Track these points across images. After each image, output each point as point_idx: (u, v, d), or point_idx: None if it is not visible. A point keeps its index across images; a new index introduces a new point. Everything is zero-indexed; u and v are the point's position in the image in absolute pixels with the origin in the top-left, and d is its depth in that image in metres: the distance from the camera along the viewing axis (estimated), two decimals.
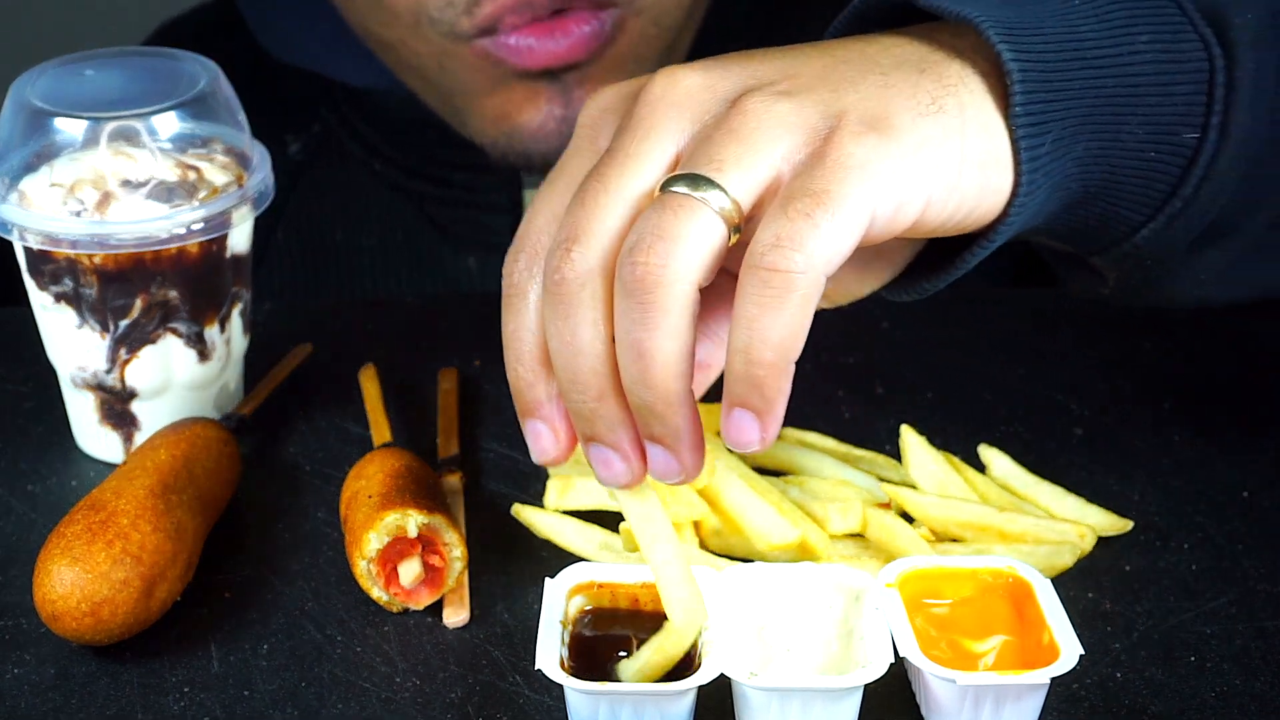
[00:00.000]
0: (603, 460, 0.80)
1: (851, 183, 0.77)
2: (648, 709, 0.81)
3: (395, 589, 0.90)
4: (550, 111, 1.18)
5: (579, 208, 0.78)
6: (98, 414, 1.03)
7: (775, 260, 0.75)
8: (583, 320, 0.78)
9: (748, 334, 0.76)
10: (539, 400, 0.81)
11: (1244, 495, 0.99)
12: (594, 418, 0.79)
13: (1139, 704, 0.85)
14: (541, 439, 0.82)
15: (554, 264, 0.78)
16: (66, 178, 0.98)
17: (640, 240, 0.76)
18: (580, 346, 0.78)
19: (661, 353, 0.76)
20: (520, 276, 0.81)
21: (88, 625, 0.86)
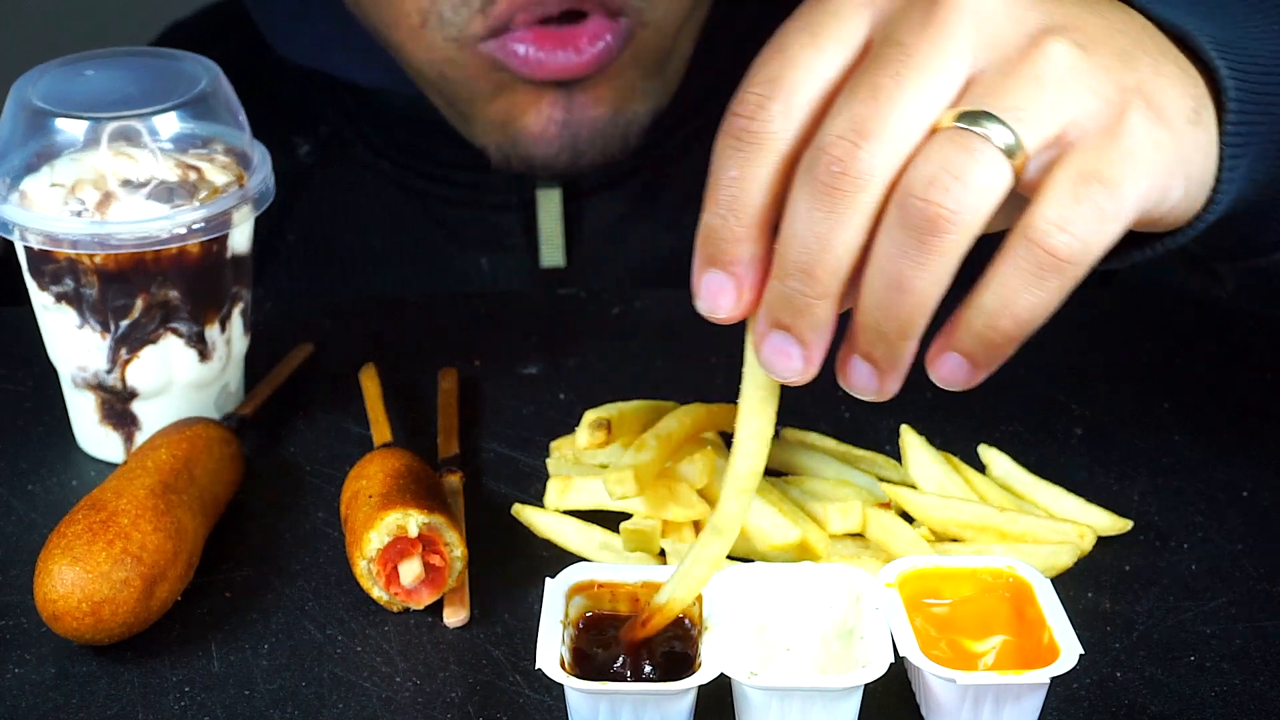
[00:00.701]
0: (783, 351, 0.78)
1: (1139, 176, 0.75)
2: (648, 708, 0.81)
3: (396, 588, 0.90)
4: (552, 116, 1.18)
5: (873, 102, 0.74)
6: (98, 414, 1.03)
7: (1057, 245, 0.74)
8: (847, 222, 0.74)
9: (1001, 301, 0.75)
10: (738, 257, 0.77)
11: (1244, 495, 0.99)
12: (804, 312, 0.76)
13: (1138, 704, 0.85)
14: (723, 294, 0.78)
15: (838, 154, 0.74)
16: (67, 178, 0.98)
17: (936, 178, 0.74)
18: (831, 244, 0.75)
19: (921, 292, 0.75)
20: (771, 124, 0.75)
21: (88, 625, 0.86)
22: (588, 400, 1.05)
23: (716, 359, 1.12)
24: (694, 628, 0.85)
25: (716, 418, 0.98)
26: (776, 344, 0.78)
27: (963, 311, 0.77)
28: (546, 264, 1.29)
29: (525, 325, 1.16)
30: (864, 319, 0.77)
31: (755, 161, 0.76)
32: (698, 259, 0.78)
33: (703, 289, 0.79)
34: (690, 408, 0.96)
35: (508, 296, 1.22)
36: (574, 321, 1.16)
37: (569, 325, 1.16)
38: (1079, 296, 1.02)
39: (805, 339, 0.78)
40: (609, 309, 1.17)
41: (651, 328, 1.15)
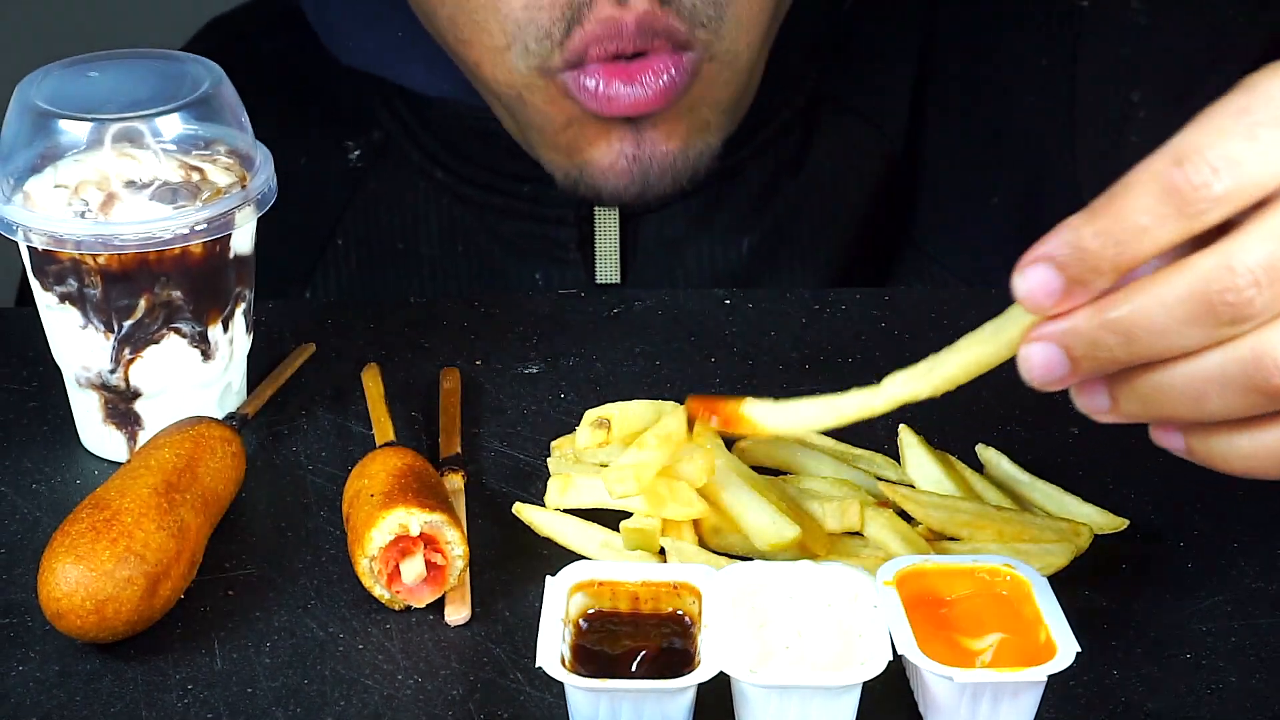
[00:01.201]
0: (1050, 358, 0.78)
1: None
2: (648, 706, 0.81)
3: (397, 587, 0.90)
4: (622, 150, 1.18)
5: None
6: (102, 413, 1.03)
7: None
8: (1204, 341, 0.74)
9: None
10: (1089, 284, 0.75)
11: (1239, 494, 0.99)
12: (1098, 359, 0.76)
13: (1135, 701, 0.86)
14: (1050, 298, 0.76)
15: (1240, 292, 0.72)
16: (71, 179, 0.99)
17: None
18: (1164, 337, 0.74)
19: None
20: (1206, 208, 0.72)
21: (91, 623, 0.87)
22: (588, 400, 1.05)
23: (716, 359, 1.13)
24: (693, 625, 0.86)
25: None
26: (1050, 353, 0.78)
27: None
28: (602, 279, 1.29)
29: (525, 325, 1.16)
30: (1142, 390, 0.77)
31: (1170, 228, 0.73)
32: (1057, 256, 0.75)
33: (1038, 282, 0.76)
34: None
35: (508, 296, 1.22)
36: (574, 321, 1.16)
37: (569, 325, 1.16)
38: None
39: (1076, 369, 0.78)
40: (609, 309, 1.18)
41: (651, 328, 1.16)
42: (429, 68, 1.28)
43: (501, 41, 1.14)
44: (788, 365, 1.11)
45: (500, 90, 1.18)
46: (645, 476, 0.91)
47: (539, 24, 1.12)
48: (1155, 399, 0.76)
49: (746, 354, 1.13)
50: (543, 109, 1.17)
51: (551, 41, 1.13)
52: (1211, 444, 0.77)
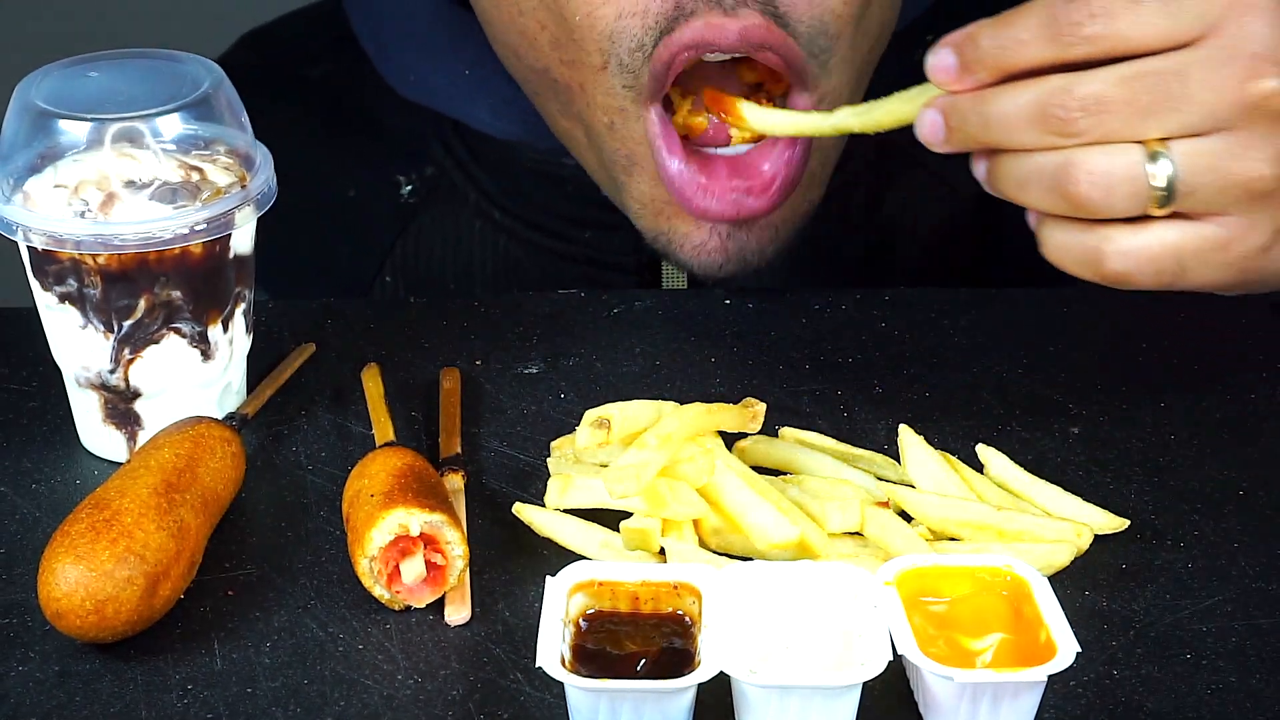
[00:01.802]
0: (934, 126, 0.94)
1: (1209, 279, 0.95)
2: (648, 705, 0.81)
3: (397, 587, 0.90)
4: (714, 229, 1.12)
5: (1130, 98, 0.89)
6: (101, 413, 1.03)
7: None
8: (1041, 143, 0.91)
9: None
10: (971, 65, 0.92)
11: (1239, 494, 0.99)
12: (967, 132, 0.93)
13: (1135, 701, 0.86)
14: (947, 63, 0.93)
15: (1073, 109, 0.89)
16: (70, 179, 0.99)
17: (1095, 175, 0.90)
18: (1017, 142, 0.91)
19: None
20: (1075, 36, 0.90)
21: (91, 623, 0.87)
22: (588, 400, 1.05)
23: (716, 359, 1.13)
24: (694, 625, 0.86)
25: (716, 418, 0.98)
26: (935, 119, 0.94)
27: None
28: None
29: (526, 325, 1.16)
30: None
31: (1040, 47, 0.90)
32: (958, 43, 0.92)
33: (941, 61, 0.93)
34: (690, 408, 0.97)
35: (508, 296, 1.22)
36: (574, 321, 1.16)
37: (569, 325, 1.16)
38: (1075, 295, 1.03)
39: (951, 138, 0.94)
40: (609, 309, 1.18)
41: (651, 328, 1.16)
42: (494, 107, 1.25)
43: (598, 61, 1.09)
44: (788, 365, 1.11)
45: (596, 118, 1.12)
46: (645, 476, 0.91)
47: (632, 34, 1.08)
48: (999, 175, 0.93)
49: (746, 354, 1.13)
50: (632, 147, 1.12)
51: (644, 52, 1.08)
52: (1039, 229, 0.94)
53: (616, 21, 1.08)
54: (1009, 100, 0.91)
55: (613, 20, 1.08)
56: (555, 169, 1.26)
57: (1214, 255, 0.92)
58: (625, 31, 1.08)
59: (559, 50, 1.11)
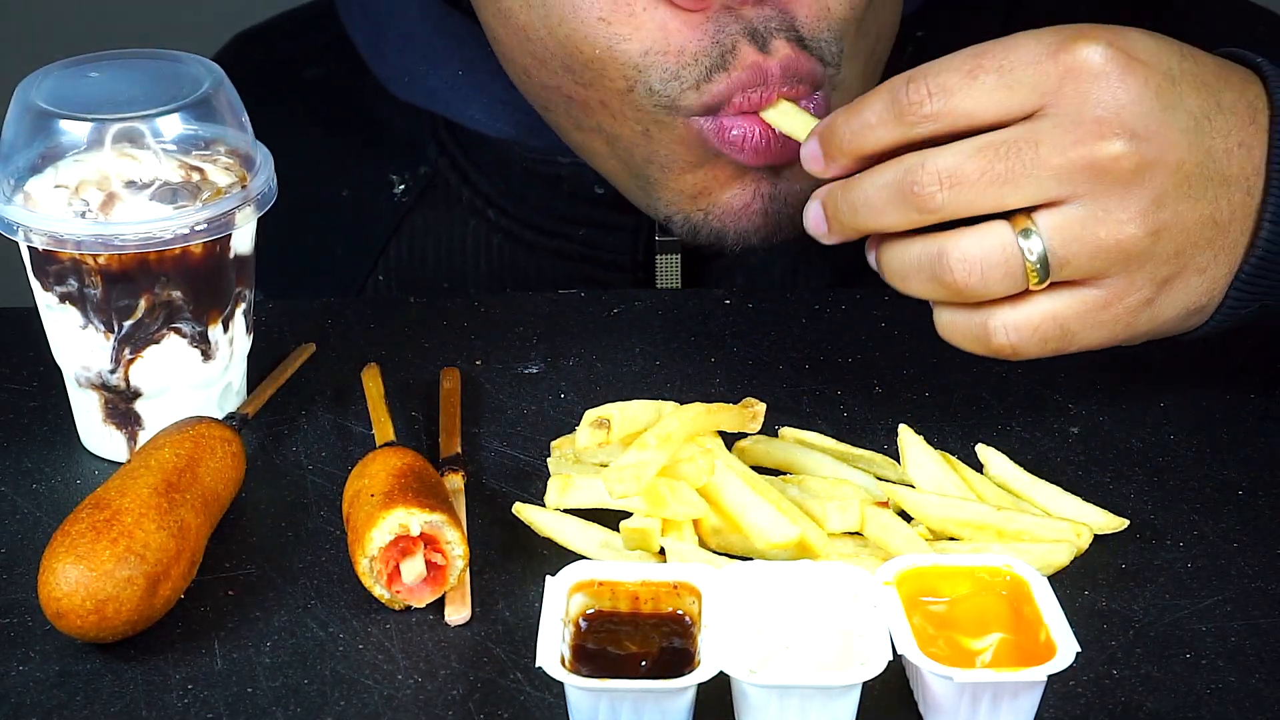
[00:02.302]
0: (816, 219, 0.98)
1: (1097, 339, 0.99)
2: (647, 705, 0.81)
3: (397, 587, 0.91)
4: (759, 191, 1.13)
5: (980, 173, 0.92)
6: (102, 413, 1.03)
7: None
8: (902, 222, 0.94)
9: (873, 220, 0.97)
10: (830, 147, 0.96)
11: (1239, 494, 1.00)
12: (841, 223, 0.97)
13: (1135, 701, 0.86)
14: (814, 154, 0.98)
15: (927, 183, 0.92)
16: (71, 179, 0.99)
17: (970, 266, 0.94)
18: (883, 224, 0.95)
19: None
20: (918, 116, 0.93)
21: (92, 623, 0.87)
22: (588, 400, 1.05)
23: (716, 359, 1.13)
24: (693, 625, 0.86)
25: (716, 418, 0.98)
26: (815, 211, 0.98)
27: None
28: None
29: (525, 325, 1.16)
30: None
31: (886, 130, 0.94)
32: (821, 133, 0.97)
33: (809, 151, 0.98)
34: (690, 408, 0.97)
35: (508, 296, 1.22)
36: (574, 321, 1.16)
37: (569, 325, 1.16)
38: None
39: (832, 230, 0.98)
40: (609, 309, 1.18)
41: (651, 328, 1.16)
42: (489, 106, 1.25)
43: (622, 85, 1.09)
44: (788, 365, 1.12)
45: (621, 130, 1.12)
46: (645, 476, 0.91)
47: (664, 67, 1.07)
48: (884, 267, 0.97)
49: (746, 354, 1.13)
50: (671, 149, 1.12)
51: (680, 84, 1.08)
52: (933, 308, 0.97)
53: (643, 58, 1.08)
54: (870, 183, 0.95)
55: (638, 56, 1.08)
56: (550, 168, 1.26)
57: (1098, 316, 0.95)
58: (655, 65, 1.08)
59: (571, 74, 1.11)
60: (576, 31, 1.08)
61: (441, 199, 1.30)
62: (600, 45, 1.08)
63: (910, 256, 0.95)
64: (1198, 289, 0.96)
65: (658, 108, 1.09)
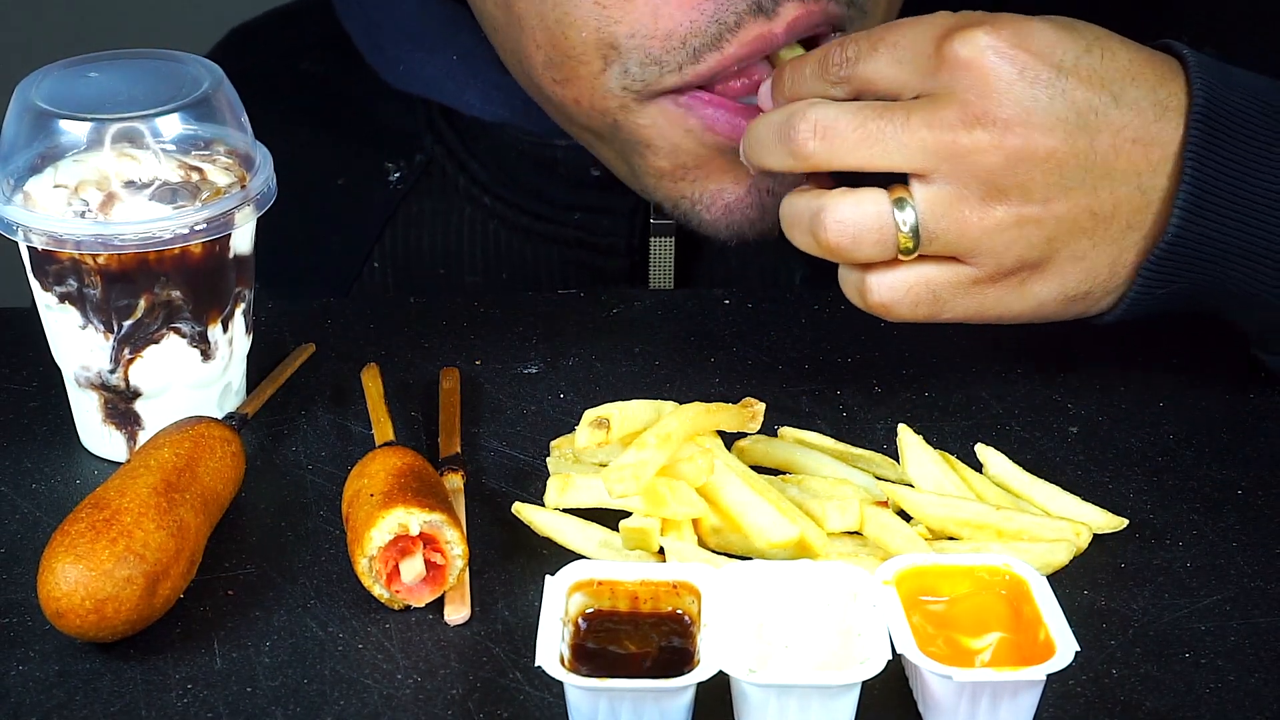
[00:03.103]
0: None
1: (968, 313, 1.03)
2: (647, 705, 0.81)
3: (397, 586, 0.91)
4: (755, 184, 1.12)
5: (855, 128, 0.97)
6: (101, 413, 1.03)
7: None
8: (777, 165, 1.00)
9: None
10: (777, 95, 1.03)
11: (1238, 493, 1.00)
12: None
13: (1134, 700, 0.86)
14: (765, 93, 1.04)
15: (803, 131, 0.97)
16: (70, 179, 0.99)
17: (844, 229, 0.98)
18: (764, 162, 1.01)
19: None
20: (830, 72, 0.99)
21: (91, 622, 0.87)
22: (588, 400, 1.05)
23: (716, 359, 1.13)
24: (693, 625, 0.86)
25: (716, 417, 0.98)
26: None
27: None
28: None
29: (525, 325, 1.16)
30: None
31: (813, 87, 1.00)
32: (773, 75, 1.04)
33: (763, 87, 1.04)
34: (690, 407, 0.97)
35: (508, 296, 1.22)
36: (574, 321, 1.16)
37: (569, 325, 1.16)
38: None
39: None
40: (609, 309, 1.18)
41: (651, 328, 1.16)
42: (484, 92, 1.25)
43: (598, 67, 1.09)
44: (788, 365, 1.12)
45: (597, 119, 1.12)
46: (645, 476, 0.92)
47: (646, 50, 1.07)
48: (780, 214, 1.02)
49: (746, 354, 1.13)
50: (638, 131, 1.11)
51: (661, 68, 1.07)
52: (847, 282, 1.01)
53: (627, 40, 1.07)
54: (764, 120, 1.01)
55: (623, 38, 1.07)
56: (547, 151, 1.26)
57: (967, 290, 0.99)
58: (637, 49, 1.07)
59: (551, 70, 1.11)
60: (568, 15, 1.08)
61: (437, 186, 1.30)
62: (589, 28, 1.08)
63: (795, 208, 1.00)
64: (1074, 277, 0.99)
65: (626, 91, 1.09)
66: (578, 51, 1.09)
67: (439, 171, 1.30)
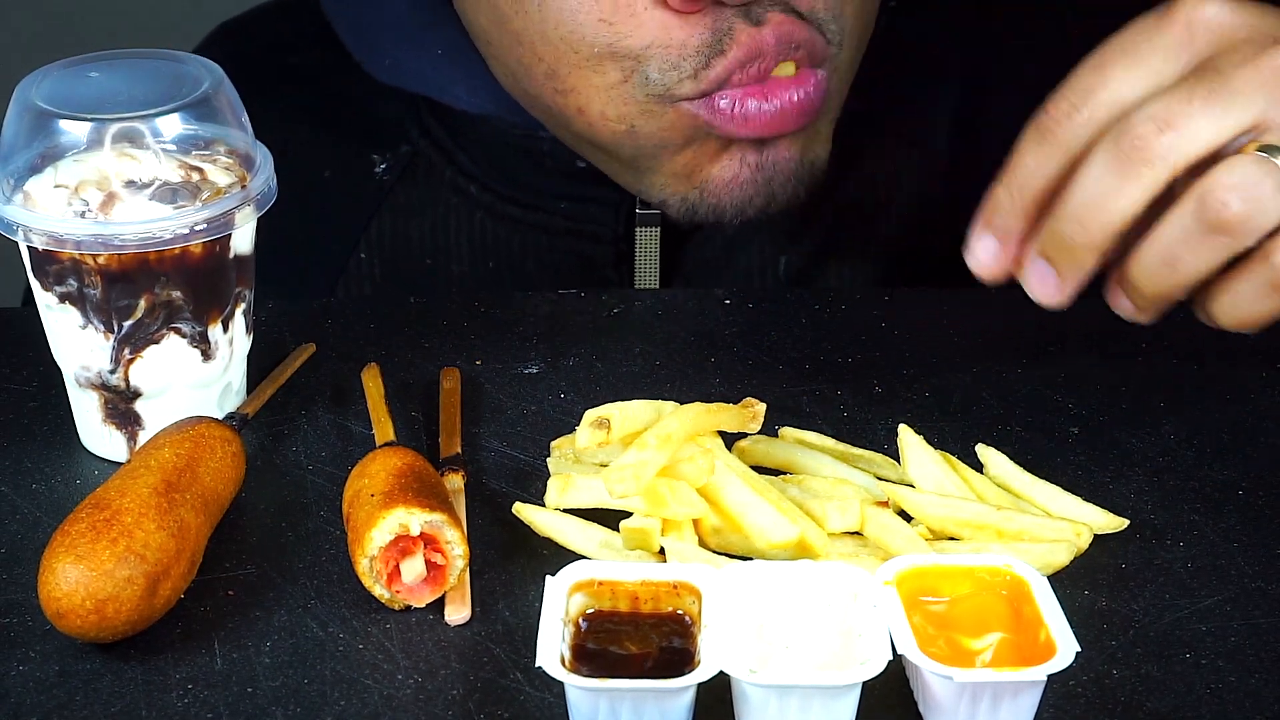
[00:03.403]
0: (1044, 279, 0.94)
1: None
2: (647, 705, 0.81)
3: (397, 587, 0.91)
4: (745, 161, 1.16)
5: (1186, 103, 0.88)
6: (101, 413, 1.03)
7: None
8: (1130, 192, 0.88)
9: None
10: (1009, 228, 0.93)
11: (1239, 494, 1.00)
12: (1071, 253, 0.91)
13: (1134, 700, 0.86)
14: (989, 255, 0.94)
15: (1143, 132, 0.88)
16: (71, 179, 0.99)
17: (1239, 186, 0.88)
18: (1112, 204, 0.89)
19: (1190, 274, 0.91)
20: (1074, 130, 0.90)
21: (92, 622, 0.87)
22: (588, 400, 1.05)
23: (717, 359, 1.13)
24: (693, 625, 0.86)
25: (716, 418, 0.98)
26: (1040, 271, 0.94)
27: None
28: None
29: (525, 325, 1.16)
30: (1134, 275, 0.92)
31: (1051, 157, 0.91)
32: (979, 222, 0.94)
33: (977, 248, 0.94)
34: (690, 407, 0.97)
35: (508, 296, 1.22)
36: (574, 321, 1.16)
37: (569, 325, 1.16)
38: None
39: (1064, 275, 0.93)
40: (609, 309, 1.18)
41: (652, 328, 1.16)
42: (469, 85, 1.26)
43: (616, 78, 1.12)
44: (788, 365, 1.12)
45: (609, 127, 1.15)
46: (645, 476, 0.92)
47: (665, 58, 1.11)
48: (1148, 281, 0.92)
49: (746, 354, 1.13)
50: (660, 134, 1.15)
51: (680, 73, 1.11)
52: (1210, 309, 0.93)
53: (645, 50, 1.11)
54: (1084, 178, 0.91)
55: (639, 49, 1.11)
56: (533, 142, 1.27)
57: None
58: (656, 56, 1.11)
59: (553, 81, 1.14)
60: (574, 33, 1.11)
61: (424, 177, 1.31)
62: (600, 45, 1.11)
63: (1169, 231, 0.90)
64: None
65: (649, 97, 1.12)
66: (591, 64, 1.12)
67: (425, 163, 1.31)
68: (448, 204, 1.31)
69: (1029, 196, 0.92)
